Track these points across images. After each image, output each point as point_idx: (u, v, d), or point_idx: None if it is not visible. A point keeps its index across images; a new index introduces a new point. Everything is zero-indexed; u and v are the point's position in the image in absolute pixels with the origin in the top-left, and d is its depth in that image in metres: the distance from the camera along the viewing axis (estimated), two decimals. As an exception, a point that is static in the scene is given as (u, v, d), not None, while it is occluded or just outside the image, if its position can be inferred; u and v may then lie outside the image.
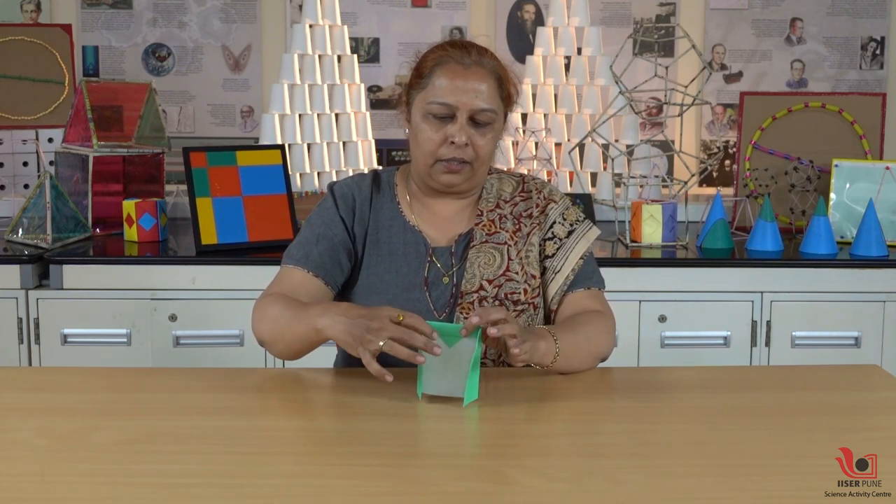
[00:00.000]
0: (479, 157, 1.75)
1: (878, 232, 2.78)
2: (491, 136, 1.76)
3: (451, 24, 3.70)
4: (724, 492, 1.23)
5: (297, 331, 1.61)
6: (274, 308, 1.67)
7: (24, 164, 3.44)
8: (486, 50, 1.79)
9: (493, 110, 1.74)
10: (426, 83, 1.75)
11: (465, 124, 1.72)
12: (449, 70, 1.74)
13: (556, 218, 1.84)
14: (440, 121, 1.73)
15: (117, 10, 3.67)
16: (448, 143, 1.73)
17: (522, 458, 1.33)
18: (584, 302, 1.81)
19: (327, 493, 1.21)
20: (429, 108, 1.73)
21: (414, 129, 1.77)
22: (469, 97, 1.72)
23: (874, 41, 3.72)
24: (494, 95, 1.75)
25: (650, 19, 3.71)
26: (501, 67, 1.79)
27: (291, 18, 3.66)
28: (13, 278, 2.65)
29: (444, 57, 1.75)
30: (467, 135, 1.72)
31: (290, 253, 1.79)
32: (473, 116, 1.73)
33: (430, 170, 1.76)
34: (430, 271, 1.79)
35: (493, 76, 1.76)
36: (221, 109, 3.73)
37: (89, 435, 1.40)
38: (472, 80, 1.73)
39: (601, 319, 1.77)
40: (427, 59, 1.78)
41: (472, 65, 1.74)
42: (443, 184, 1.77)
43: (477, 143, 1.74)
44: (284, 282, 1.75)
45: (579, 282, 1.82)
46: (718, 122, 3.76)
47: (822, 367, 2.07)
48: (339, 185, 1.86)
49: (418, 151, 1.77)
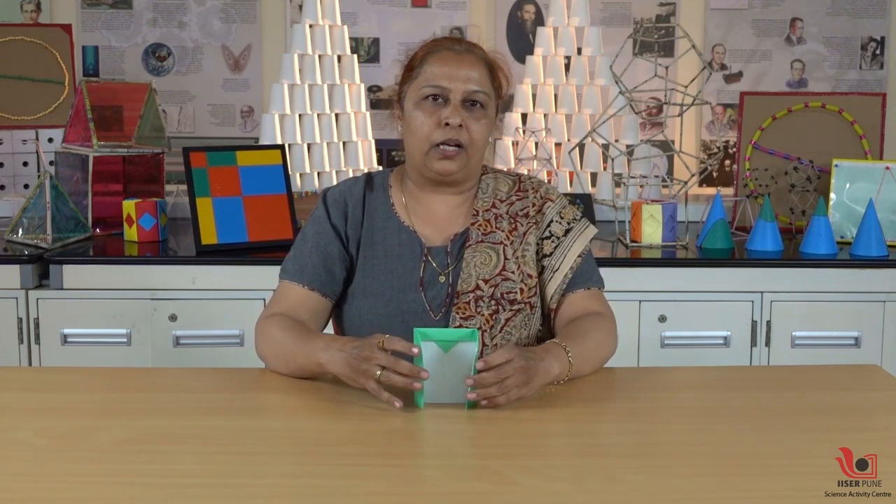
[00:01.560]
0: (473, 141, 1.76)
1: (878, 232, 2.78)
2: (484, 121, 1.77)
3: (451, 24, 3.70)
4: (724, 492, 1.23)
5: (300, 361, 1.65)
6: (277, 332, 1.69)
7: (24, 164, 3.44)
8: (477, 43, 1.82)
9: (485, 92, 1.76)
10: (418, 73, 1.78)
11: (458, 106, 1.74)
12: (440, 57, 1.77)
13: (553, 216, 1.84)
14: (433, 105, 1.75)
15: (117, 10, 3.67)
16: (442, 126, 1.74)
17: (522, 458, 1.33)
18: (585, 303, 1.81)
19: (327, 493, 1.21)
20: (422, 92, 1.75)
21: (407, 119, 1.79)
22: (461, 80, 1.74)
23: (874, 41, 3.72)
24: (486, 81, 1.77)
25: (650, 19, 3.71)
26: (492, 58, 1.82)
27: (291, 18, 3.66)
28: (13, 278, 2.65)
29: (434, 46, 1.79)
30: (461, 117, 1.74)
31: (285, 267, 1.82)
32: (467, 98, 1.74)
33: (426, 158, 1.77)
34: (425, 271, 1.79)
35: (484, 64, 1.79)
36: (221, 109, 3.73)
37: (89, 435, 1.40)
38: (464, 66, 1.75)
39: (605, 323, 1.77)
40: (417, 52, 1.81)
41: (464, 51, 1.78)
42: (438, 171, 1.77)
43: (471, 127, 1.75)
44: (283, 300, 1.78)
45: (579, 282, 1.82)
46: (718, 122, 3.76)
47: (822, 367, 2.07)
48: (331, 191, 1.87)
49: (413, 140, 1.78)
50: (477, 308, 1.75)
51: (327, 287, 1.79)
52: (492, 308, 1.76)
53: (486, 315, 1.75)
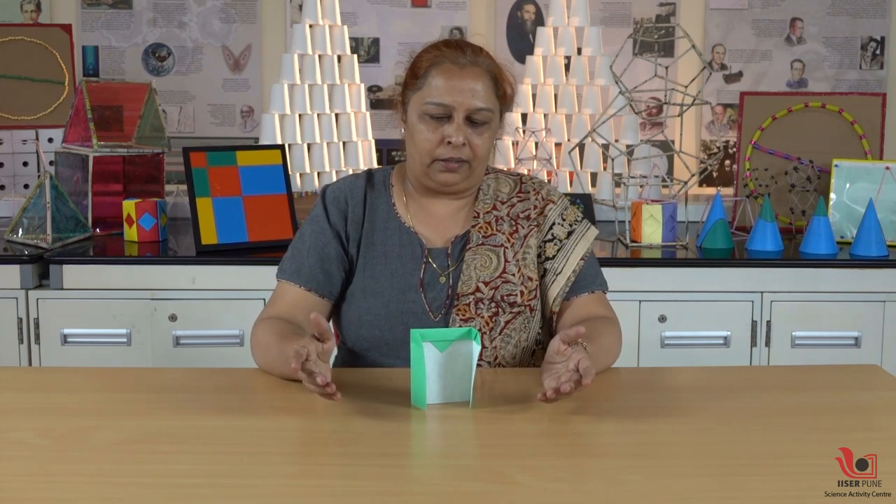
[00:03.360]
0: (476, 156, 1.75)
1: (878, 232, 2.78)
2: (488, 135, 1.76)
3: (451, 24, 3.70)
4: (724, 492, 1.23)
5: (280, 367, 1.62)
6: (265, 337, 1.69)
7: (24, 164, 3.44)
8: (481, 49, 1.79)
9: (489, 109, 1.74)
10: (422, 83, 1.75)
11: (461, 124, 1.72)
12: (444, 70, 1.74)
13: (556, 219, 1.84)
14: (437, 121, 1.73)
15: (117, 10, 3.67)
16: (445, 144, 1.73)
17: (522, 458, 1.33)
18: (590, 307, 1.80)
19: (327, 493, 1.21)
20: (425, 108, 1.73)
21: (410, 130, 1.77)
22: (465, 97, 1.72)
23: (874, 41, 3.72)
24: (490, 94, 1.75)
25: (650, 19, 3.71)
26: (497, 66, 1.79)
27: (291, 18, 3.66)
28: (13, 278, 2.65)
29: (439, 57, 1.75)
30: (464, 134, 1.72)
31: (282, 267, 1.81)
32: (470, 116, 1.73)
33: (428, 169, 1.76)
34: (425, 272, 1.78)
35: (489, 75, 1.76)
36: (221, 109, 3.73)
37: (89, 435, 1.40)
38: (467, 80, 1.73)
39: (613, 328, 1.77)
40: (422, 60, 1.78)
41: (468, 64, 1.74)
42: (440, 183, 1.77)
43: (474, 143, 1.74)
44: (279, 301, 1.78)
45: (583, 285, 1.82)
46: (718, 122, 3.76)
47: (822, 367, 2.07)
48: (331, 188, 1.86)
49: (415, 151, 1.77)
50: (477, 310, 1.75)
51: (324, 288, 1.78)
52: (492, 310, 1.75)
53: (486, 317, 1.75)
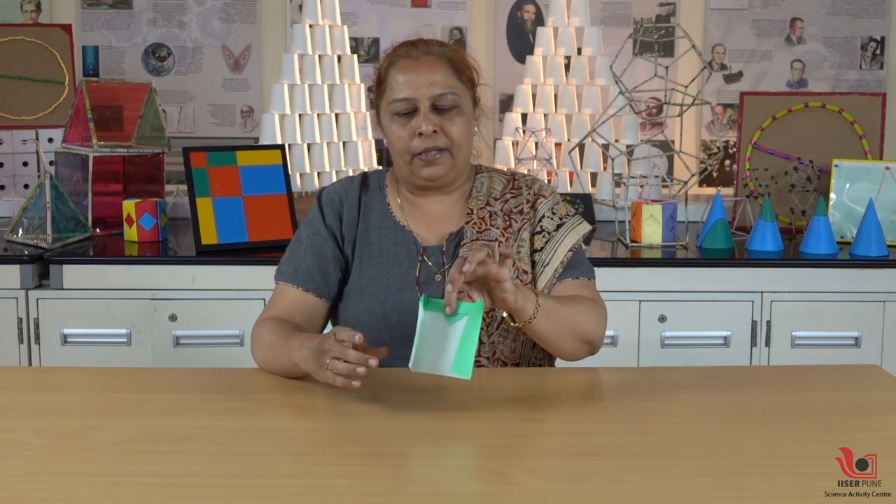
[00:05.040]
0: (453, 142, 1.76)
1: (878, 232, 2.78)
2: (460, 119, 1.77)
3: (451, 24, 3.70)
4: (724, 492, 1.23)
5: (283, 363, 1.64)
6: (267, 336, 1.70)
7: (24, 164, 3.44)
8: (434, 40, 1.82)
9: (452, 93, 1.75)
10: (385, 86, 1.79)
11: (428, 113, 1.74)
12: (401, 66, 1.77)
13: (546, 212, 1.84)
14: (405, 117, 1.75)
15: (117, 10, 3.67)
16: (417, 136, 1.74)
17: (522, 458, 1.33)
18: (574, 290, 1.79)
19: (327, 493, 1.21)
20: (392, 107, 1.76)
21: (385, 133, 1.81)
22: (424, 86, 1.74)
23: (874, 41, 3.72)
24: (451, 79, 1.77)
25: (650, 19, 3.71)
26: (454, 51, 1.81)
27: (291, 18, 3.66)
28: (13, 278, 2.64)
29: (394, 57, 1.79)
30: (433, 123, 1.74)
31: (280, 268, 1.83)
32: (435, 104, 1.75)
33: (410, 167, 1.78)
34: (421, 271, 1.79)
35: (445, 61, 1.78)
36: (221, 109, 3.73)
37: (89, 435, 1.40)
38: (423, 71, 1.75)
39: (591, 303, 1.75)
40: (382, 64, 1.82)
41: (422, 55, 1.77)
42: (426, 178, 1.78)
43: (447, 129, 1.75)
44: (278, 303, 1.79)
45: (567, 272, 1.81)
46: (718, 122, 3.76)
47: (822, 367, 2.07)
48: (326, 190, 1.88)
49: (395, 153, 1.80)
50: None
51: (322, 288, 1.80)
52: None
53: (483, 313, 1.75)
